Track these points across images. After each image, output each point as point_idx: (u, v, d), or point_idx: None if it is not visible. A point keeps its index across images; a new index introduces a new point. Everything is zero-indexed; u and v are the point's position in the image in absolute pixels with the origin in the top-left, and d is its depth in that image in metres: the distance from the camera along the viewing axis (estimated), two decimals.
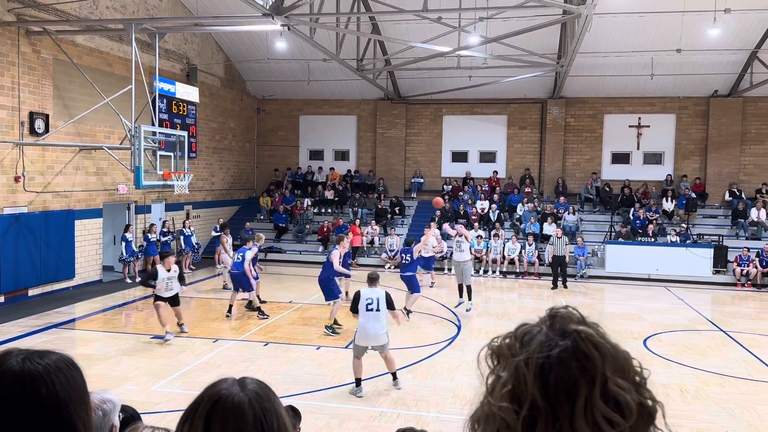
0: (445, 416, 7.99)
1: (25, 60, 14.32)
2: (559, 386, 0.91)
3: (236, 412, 1.26)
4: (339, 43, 17.83)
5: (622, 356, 0.96)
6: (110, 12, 16.93)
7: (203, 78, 21.89)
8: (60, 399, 1.22)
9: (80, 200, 16.23)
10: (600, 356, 0.93)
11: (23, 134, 14.28)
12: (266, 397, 1.32)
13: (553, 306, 1.04)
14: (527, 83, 22.86)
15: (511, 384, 0.93)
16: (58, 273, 15.46)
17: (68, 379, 1.25)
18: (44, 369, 1.23)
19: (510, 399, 0.93)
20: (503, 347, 0.99)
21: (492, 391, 0.96)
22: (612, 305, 16.58)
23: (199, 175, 21.51)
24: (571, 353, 0.93)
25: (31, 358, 1.23)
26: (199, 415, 1.26)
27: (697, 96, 23.28)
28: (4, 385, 1.18)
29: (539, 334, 0.96)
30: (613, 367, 0.93)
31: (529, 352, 0.94)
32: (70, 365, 1.28)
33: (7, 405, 1.17)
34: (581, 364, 0.92)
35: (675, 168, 23.80)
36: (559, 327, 0.97)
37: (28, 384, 1.19)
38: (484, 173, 24.70)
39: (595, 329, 0.98)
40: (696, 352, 11.24)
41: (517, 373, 0.93)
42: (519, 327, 1.01)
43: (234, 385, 1.31)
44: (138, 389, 8.66)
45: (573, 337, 0.95)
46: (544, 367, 0.92)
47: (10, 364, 1.21)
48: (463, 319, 13.55)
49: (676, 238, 20.06)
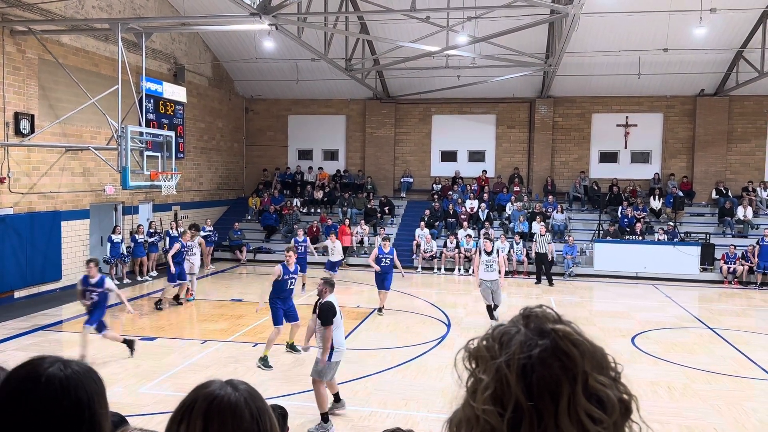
0: (435, 415, 7.99)
1: (10, 60, 14.16)
2: (542, 386, 0.90)
3: (234, 411, 1.27)
4: (327, 43, 17.79)
5: (599, 352, 0.97)
6: (96, 11, 16.79)
7: (191, 78, 21.77)
8: (93, 403, 1.31)
9: (67, 201, 16.09)
10: (579, 354, 0.93)
11: (8, 135, 14.13)
12: (258, 397, 1.34)
13: (526, 306, 1.03)
14: (515, 83, 22.94)
15: (493, 386, 0.93)
16: (44, 274, 15.32)
17: (98, 388, 1.35)
18: (81, 375, 1.32)
19: (493, 401, 0.92)
20: (481, 349, 0.98)
21: (474, 394, 0.95)
22: (600, 303, 16.67)
23: (187, 175, 21.39)
24: (552, 352, 0.92)
25: (69, 366, 1.33)
26: (196, 414, 1.26)
27: (684, 95, 23.45)
28: (53, 390, 1.27)
29: (518, 335, 0.96)
30: (592, 364, 0.93)
31: (510, 353, 0.93)
32: (97, 374, 1.38)
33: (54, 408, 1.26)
34: (562, 362, 0.92)
35: (662, 167, 23.96)
36: (536, 326, 0.96)
37: (72, 389, 1.28)
38: (473, 172, 24.76)
39: (571, 327, 0.98)
40: (683, 350, 11.32)
41: (499, 375, 0.93)
42: (495, 328, 1.01)
43: (226, 386, 1.32)
44: (126, 391, 8.59)
45: (551, 336, 0.94)
46: (527, 368, 0.92)
47: (54, 370, 1.30)
48: (453, 318, 13.56)
49: (663, 237, 20.20)
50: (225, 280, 18.27)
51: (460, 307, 14.90)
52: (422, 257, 20.59)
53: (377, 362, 10.20)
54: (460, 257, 20.32)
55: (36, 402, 1.25)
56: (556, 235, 21.10)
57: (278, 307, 10.05)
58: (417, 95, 24.29)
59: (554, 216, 21.72)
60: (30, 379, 1.27)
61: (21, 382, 1.28)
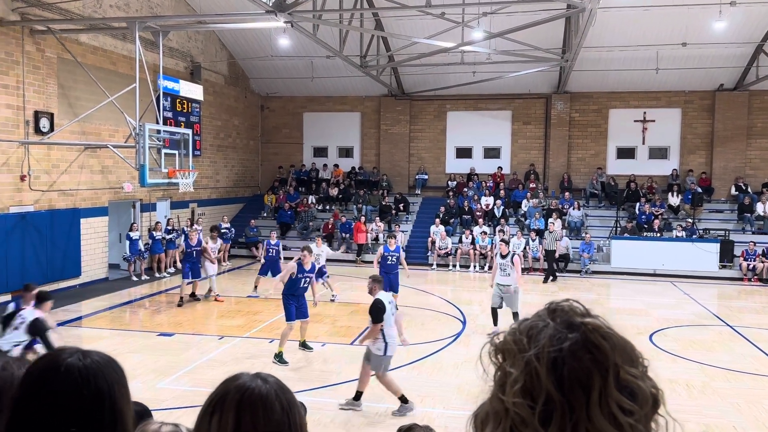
0: (451, 412, 7.99)
1: (30, 59, 14.35)
2: (573, 379, 0.91)
3: (265, 403, 1.28)
4: (342, 40, 17.80)
5: (629, 346, 0.97)
6: (114, 10, 16.94)
7: (207, 76, 21.90)
8: (114, 392, 1.33)
9: (86, 199, 16.28)
10: (610, 346, 0.93)
11: (28, 133, 14.33)
12: (288, 390, 1.36)
13: (551, 301, 1.03)
14: (531, 78, 22.79)
15: (522, 379, 0.93)
16: (64, 271, 15.52)
17: (117, 375, 1.36)
18: (101, 365, 1.34)
19: (522, 394, 0.92)
20: (509, 343, 0.98)
21: (502, 388, 0.95)
22: (618, 300, 16.54)
23: (204, 173, 21.53)
24: (582, 345, 0.93)
25: (88, 355, 1.35)
26: (228, 406, 1.28)
27: (703, 90, 23.17)
28: (72, 379, 1.29)
29: (546, 329, 0.96)
30: (622, 357, 0.94)
31: (539, 346, 0.94)
32: (117, 364, 1.40)
33: (74, 397, 1.28)
34: (593, 355, 0.92)
35: (680, 162, 23.70)
36: (564, 320, 0.97)
37: (92, 378, 1.30)
38: (488, 169, 24.66)
39: (601, 320, 0.98)
40: (702, 347, 11.20)
41: (528, 369, 0.93)
42: (521, 322, 1.00)
43: (256, 378, 1.34)
44: (144, 386, 8.68)
45: (581, 329, 0.95)
46: (557, 361, 0.92)
47: (73, 360, 1.31)
48: (468, 315, 13.54)
49: (681, 233, 19.99)
50: (241, 277, 18.38)
51: (475, 304, 14.86)
52: (437, 254, 20.57)
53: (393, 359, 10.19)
54: (475, 254, 20.26)
55: (56, 392, 1.27)
56: (572, 231, 20.97)
57: (291, 303, 10.08)
58: (432, 92, 24.23)
59: (571, 213, 21.58)
60: (50, 370, 1.29)
61: (41, 373, 1.30)
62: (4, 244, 13.62)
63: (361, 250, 20.90)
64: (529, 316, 1.02)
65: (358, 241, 21.04)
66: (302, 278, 10.09)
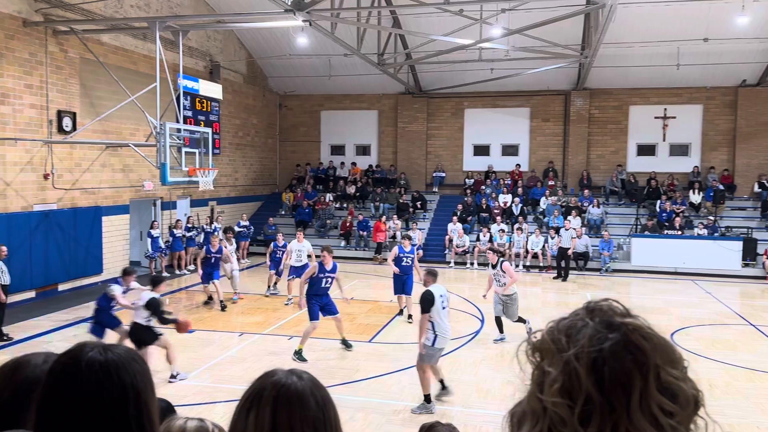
0: (470, 410, 7.99)
1: (53, 59, 14.57)
2: (614, 379, 0.90)
3: (300, 400, 1.30)
4: (360, 38, 17.83)
5: (670, 347, 0.97)
6: (135, 11, 17.13)
7: (226, 75, 22.06)
8: (138, 386, 1.32)
9: (107, 197, 16.50)
10: (651, 347, 0.93)
11: (52, 132, 14.55)
12: (321, 386, 1.38)
13: (590, 300, 1.02)
14: (550, 75, 22.63)
15: (561, 379, 0.92)
16: (86, 268, 15.75)
17: (141, 369, 1.36)
18: (123, 359, 1.33)
19: (561, 394, 0.92)
20: (547, 342, 0.97)
21: (540, 387, 0.95)
22: (638, 299, 16.38)
23: (223, 171, 21.70)
24: (624, 346, 0.92)
25: (110, 349, 1.34)
26: (265, 402, 1.29)
27: (725, 86, 22.84)
28: (94, 373, 1.29)
29: (586, 328, 0.95)
30: (663, 358, 0.93)
31: (579, 346, 0.93)
32: (140, 357, 1.40)
33: (97, 391, 1.28)
34: (634, 356, 0.91)
35: (702, 159, 23.39)
36: (603, 320, 0.96)
37: (113, 372, 1.30)
38: (506, 167, 24.55)
39: (641, 321, 0.98)
40: (725, 347, 11.07)
41: (568, 368, 0.92)
42: (559, 321, 1.00)
43: (291, 375, 1.36)
44: (166, 382, 8.79)
45: (622, 329, 0.94)
46: (597, 361, 0.91)
47: (94, 354, 1.32)
48: (486, 314, 13.51)
49: (703, 231, 19.74)
50: (261, 274, 18.49)
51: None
52: (455, 252, 20.53)
53: (411, 357, 10.20)
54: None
55: (78, 388, 1.27)
56: (592, 229, 20.81)
57: (314, 303, 10.13)
58: (449, 89, 24.17)
59: (590, 210, 21.41)
60: (71, 366, 1.30)
61: (63, 369, 1.31)
62: (29, 241, 13.86)
63: (380, 249, 20.92)
64: (566, 315, 1.02)
65: (376, 240, 21.06)
66: (323, 278, 10.13)
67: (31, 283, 14.03)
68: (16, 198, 13.75)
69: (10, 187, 13.60)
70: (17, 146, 13.64)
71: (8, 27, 13.39)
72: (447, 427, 3.26)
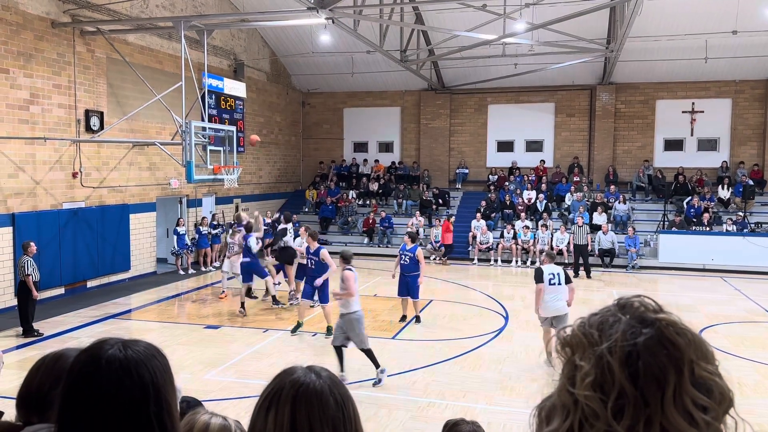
0: (494, 407, 7.96)
1: (80, 59, 14.81)
2: (648, 374, 0.90)
3: (320, 398, 1.30)
4: (382, 35, 17.82)
5: (704, 343, 0.96)
6: (160, 10, 17.34)
7: (250, 73, 22.22)
8: (158, 382, 1.32)
9: (134, 195, 16.74)
10: (685, 343, 0.93)
11: (80, 131, 14.81)
12: (341, 384, 1.37)
13: (620, 297, 1.02)
14: (575, 69, 22.38)
15: (594, 373, 0.92)
16: (114, 265, 16.01)
17: (162, 365, 1.36)
18: (144, 355, 1.34)
19: (594, 388, 0.92)
20: (578, 336, 0.97)
21: (572, 381, 0.95)
22: (665, 296, 16.11)
23: (247, 169, 21.88)
24: (658, 341, 0.92)
25: (130, 346, 1.34)
26: (284, 401, 1.29)
27: (755, 79, 22.36)
28: (113, 371, 1.29)
29: (618, 323, 0.95)
30: (697, 354, 0.93)
31: (612, 340, 0.93)
32: (160, 352, 1.39)
33: (117, 388, 1.29)
34: (668, 351, 0.91)
35: (731, 154, 22.94)
36: (637, 316, 0.96)
37: (133, 369, 1.30)
38: (530, 162, 24.35)
39: (675, 317, 0.97)
40: (755, 345, 10.86)
41: (601, 362, 0.92)
42: (590, 317, 0.99)
43: (309, 373, 1.35)
44: (192, 377, 8.91)
45: (656, 325, 0.94)
46: (631, 355, 0.91)
47: (114, 351, 1.32)
48: (510, 311, 13.44)
49: (732, 227, 19.37)
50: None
51: (517, 300, 14.74)
52: (478, 249, 20.44)
53: (434, 353, 10.22)
54: (517, 249, 20.06)
55: (99, 385, 1.28)
56: (618, 226, 20.55)
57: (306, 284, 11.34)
58: (472, 85, 24.03)
59: (616, 206, 21.15)
60: (91, 363, 1.31)
61: (83, 367, 1.31)
62: (58, 238, 14.13)
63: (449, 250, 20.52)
64: (595, 311, 1.01)
65: (444, 242, 20.40)
66: (308, 259, 11.18)
67: (61, 279, 14.30)
68: (45, 196, 14.03)
69: (39, 186, 13.88)
70: (46, 145, 13.91)
71: (37, 28, 13.65)
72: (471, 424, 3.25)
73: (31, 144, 13.57)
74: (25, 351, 10.27)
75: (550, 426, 0.97)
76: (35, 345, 10.59)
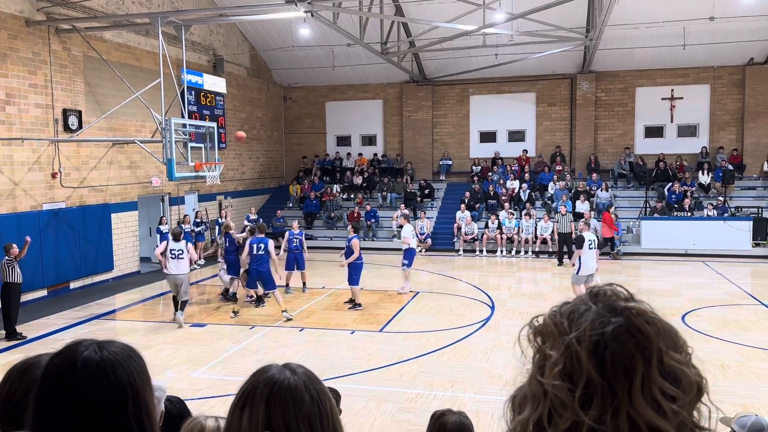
0: (482, 397, 8.01)
1: (57, 58, 14.59)
2: (615, 363, 0.90)
3: (294, 395, 1.28)
4: (363, 27, 17.73)
5: (674, 332, 0.95)
6: (136, 6, 17.12)
7: (230, 69, 22.04)
8: (136, 383, 1.30)
9: (115, 194, 16.57)
10: (654, 331, 0.92)
11: (58, 131, 14.61)
12: (316, 380, 1.35)
13: (594, 285, 1.02)
14: (555, 59, 22.47)
15: (562, 362, 0.92)
16: (97, 265, 15.85)
17: (138, 365, 1.34)
18: (120, 356, 1.32)
19: (562, 377, 0.92)
20: (548, 326, 0.97)
21: (541, 370, 0.95)
22: (649, 282, 16.33)
23: (230, 165, 21.74)
24: (626, 329, 0.91)
25: (106, 347, 1.32)
26: (258, 400, 1.28)
27: (732, 65, 22.60)
28: (90, 373, 1.27)
29: (588, 312, 0.94)
30: (666, 342, 0.92)
31: (581, 329, 0.92)
32: (136, 353, 1.37)
33: (94, 390, 1.27)
34: (637, 340, 0.91)
35: (710, 140, 23.20)
36: (606, 304, 0.95)
37: (109, 370, 1.28)
38: (513, 153, 24.44)
39: (645, 305, 0.97)
40: (737, 327, 11.03)
41: (569, 352, 0.92)
42: (562, 306, 0.99)
43: (284, 370, 1.33)
44: (179, 376, 8.86)
45: (625, 314, 0.93)
46: (599, 344, 0.91)
47: (89, 353, 1.30)
48: (496, 300, 13.51)
49: (713, 212, 19.62)
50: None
51: (503, 289, 14.83)
52: (463, 240, 20.51)
53: (422, 344, 10.26)
54: (502, 239, 20.16)
55: (74, 387, 1.25)
56: (601, 213, 20.71)
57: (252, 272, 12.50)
58: (454, 76, 24.04)
59: (599, 194, 21.31)
60: (66, 366, 1.28)
61: (58, 369, 1.29)
62: (39, 240, 13.94)
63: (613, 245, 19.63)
64: (569, 300, 1.01)
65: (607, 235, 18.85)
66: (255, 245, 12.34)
67: (43, 281, 14.14)
68: (24, 198, 13.83)
69: (18, 187, 13.68)
70: (24, 146, 13.70)
71: (11, 27, 13.42)
72: (458, 414, 3.26)
73: (9, 145, 13.36)
74: (8, 354, 10.15)
75: (521, 415, 0.97)
76: (18, 348, 10.46)
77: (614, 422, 0.88)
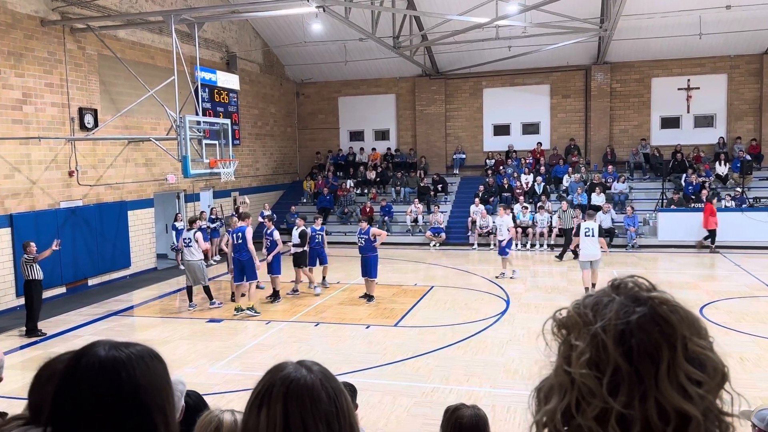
0: (497, 390, 8.00)
1: (72, 57, 14.72)
2: (642, 350, 0.92)
3: (311, 394, 1.28)
4: (375, 21, 17.70)
5: (697, 319, 0.98)
6: (149, 5, 17.21)
7: (243, 65, 22.10)
8: (139, 384, 1.29)
9: (131, 191, 16.71)
10: (678, 319, 0.95)
11: (74, 130, 14.75)
12: (332, 377, 1.35)
13: (615, 278, 1.03)
14: (569, 50, 22.28)
15: (589, 352, 0.94)
16: (114, 262, 16.01)
17: (148, 368, 1.33)
18: (127, 356, 1.32)
19: (589, 366, 0.94)
20: (573, 317, 0.99)
21: (567, 360, 0.97)
22: (666, 274, 16.18)
23: (244, 161, 21.82)
24: (650, 318, 0.94)
25: (117, 347, 1.33)
26: (275, 399, 1.28)
27: (750, 54, 22.28)
28: (91, 369, 1.29)
29: (612, 303, 0.97)
30: (690, 329, 0.95)
31: (606, 319, 0.95)
32: (152, 356, 1.36)
33: (91, 387, 1.28)
34: (661, 328, 0.93)
35: (728, 130, 22.90)
36: (630, 295, 0.98)
37: (110, 368, 1.29)
38: (527, 145, 24.30)
39: (667, 295, 0.99)
40: (756, 319, 10.90)
41: (595, 341, 0.94)
42: (585, 298, 1.02)
43: (300, 368, 1.33)
44: (196, 372, 8.94)
45: (649, 303, 0.96)
46: (625, 333, 0.93)
47: (98, 350, 1.32)
48: (511, 294, 13.47)
49: (731, 203, 19.38)
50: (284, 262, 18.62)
51: (518, 283, 14.77)
52: (478, 233, 20.45)
53: (437, 339, 10.26)
54: (517, 232, 20.06)
55: (90, 389, 1.27)
56: (617, 205, 20.55)
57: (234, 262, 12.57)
58: (467, 69, 23.93)
59: (614, 186, 21.13)
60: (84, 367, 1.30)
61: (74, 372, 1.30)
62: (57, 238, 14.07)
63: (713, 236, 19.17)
64: (591, 292, 1.03)
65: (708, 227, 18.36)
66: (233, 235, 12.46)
67: (61, 278, 14.30)
68: (42, 196, 13.99)
69: (36, 186, 13.84)
70: (41, 145, 13.85)
71: (27, 27, 13.55)
72: (472, 408, 3.26)
73: (26, 144, 13.51)
74: (28, 351, 10.30)
75: (548, 405, 0.99)
76: (38, 345, 10.61)
77: (642, 407, 0.91)
